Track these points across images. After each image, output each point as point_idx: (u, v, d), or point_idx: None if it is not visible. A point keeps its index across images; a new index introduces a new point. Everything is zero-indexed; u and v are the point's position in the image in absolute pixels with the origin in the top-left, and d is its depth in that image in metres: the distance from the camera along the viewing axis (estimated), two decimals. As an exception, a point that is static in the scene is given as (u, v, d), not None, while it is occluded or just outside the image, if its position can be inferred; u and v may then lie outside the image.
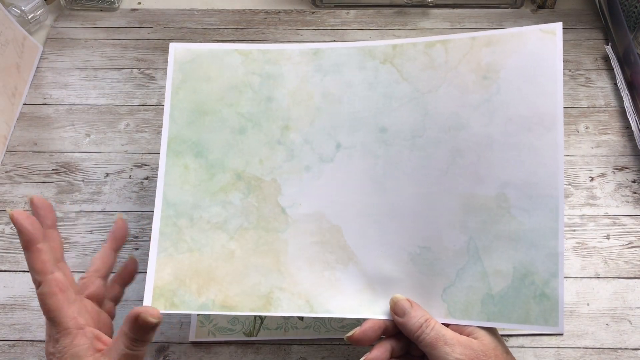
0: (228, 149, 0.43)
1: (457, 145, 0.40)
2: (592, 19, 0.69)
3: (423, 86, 0.42)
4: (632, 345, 0.47)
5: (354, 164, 0.41)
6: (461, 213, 0.40)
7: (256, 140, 0.43)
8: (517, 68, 0.40)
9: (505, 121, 0.40)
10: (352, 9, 0.71)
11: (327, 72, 0.43)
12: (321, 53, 0.44)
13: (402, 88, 0.42)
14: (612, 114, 0.60)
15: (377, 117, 0.42)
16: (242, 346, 0.48)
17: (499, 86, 0.40)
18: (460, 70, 0.41)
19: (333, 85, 0.43)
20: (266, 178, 0.42)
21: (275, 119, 0.43)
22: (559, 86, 0.39)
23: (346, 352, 0.47)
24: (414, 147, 0.41)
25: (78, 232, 0.54)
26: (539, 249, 0.38)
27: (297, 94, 0.43)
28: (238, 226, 0.41)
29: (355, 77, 0.43)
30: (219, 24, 0.70)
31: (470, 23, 0.69)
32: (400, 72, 0.42)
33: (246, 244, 0.41)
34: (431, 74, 0.42)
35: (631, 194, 0.55)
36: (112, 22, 0.70)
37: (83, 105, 0.63)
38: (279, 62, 0.44)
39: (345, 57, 0.43)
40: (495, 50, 0.41)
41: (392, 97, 0.42)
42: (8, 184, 0.57)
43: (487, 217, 0.39)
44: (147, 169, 0.58)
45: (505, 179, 0.39)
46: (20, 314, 0.49)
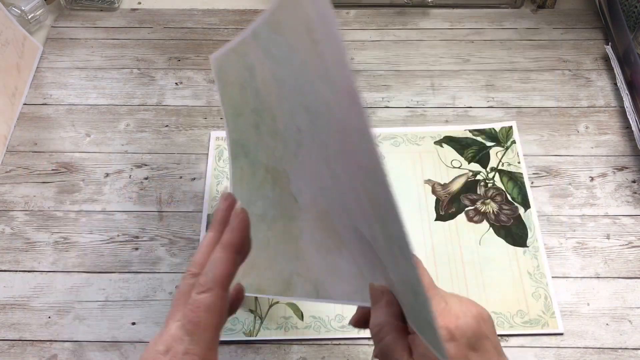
0: (257, 145, 0.43)
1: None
2: (592, 19, 0.69)
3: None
4: (632, 345, 0.47)
5: (312, 147, 0.37)
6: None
7: (265, 133, 0.43)
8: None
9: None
10: (353, 8, 0.71)
11: (267, 53, 0.37)
12: (257, 35, 0.37)
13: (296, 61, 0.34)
14: (612, 114, 0.60)
15: (300, 97, 0.35)
16: (242, 346, 0.48)
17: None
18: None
19: (275, 66, 0.37)
20: (279, 168, 0.42)
21: (266, 110, 0.42)
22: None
23: (346, 352, 0.47)
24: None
25: (78, 232, 0.54)
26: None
27: (264, 82, 0.40)
28: (272, 216, 0.43)
29: (278, 53, 0.36)
30: (219, 23, 0.70)
31: (470, 23, 0.69)
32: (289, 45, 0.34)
33: (277, 232, 0.42)
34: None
35: (631, 193, 0.55)
36: (112, 22, 0.70)
37: (83, 105, 0.63)
38: (248, 53, 0.42)
39: (266, 33, 0.36)
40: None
41: (304, 72, 0.33)
42: (8, 184, 0.57)
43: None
44: (147, 169, 0.58)
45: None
46: (20, 314, 0.49)
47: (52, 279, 0.51)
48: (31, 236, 0.54)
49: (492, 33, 0.68)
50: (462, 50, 0.66)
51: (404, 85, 0.63)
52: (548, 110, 0.61)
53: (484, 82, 0.63)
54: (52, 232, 0.54)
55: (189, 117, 0.61)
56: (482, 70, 0.64)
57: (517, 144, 0.58)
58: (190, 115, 0.61)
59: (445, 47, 0.67)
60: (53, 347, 0.48)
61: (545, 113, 0.61)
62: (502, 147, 0.58)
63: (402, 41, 0.67)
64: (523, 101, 0.62)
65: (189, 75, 0.65)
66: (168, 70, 0.65)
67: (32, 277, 0.51)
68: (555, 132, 0.59)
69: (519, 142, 0.58)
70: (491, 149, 0.58)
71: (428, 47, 0.67)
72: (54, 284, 0.51)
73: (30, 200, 0.56)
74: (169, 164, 0.58)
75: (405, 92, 0.63)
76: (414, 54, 0.66)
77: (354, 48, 0.67)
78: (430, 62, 0.65)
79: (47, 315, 0.49)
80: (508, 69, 0.64)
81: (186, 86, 0.64)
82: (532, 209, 0.54)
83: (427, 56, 0.66)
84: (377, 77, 0.64)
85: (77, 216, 0.55)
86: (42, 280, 0.51)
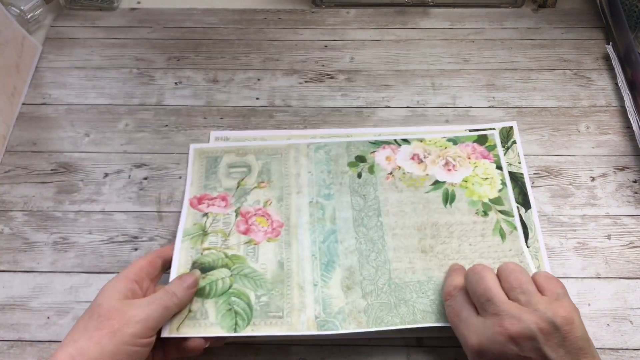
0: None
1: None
2: (592, 19, 0.68)
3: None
4: (633, 345, 0.47)
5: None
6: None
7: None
8: None
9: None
10: (352, 8, 0.71)
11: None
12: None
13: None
14: (613, 114, 0.60)
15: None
16: (242, 346, 0.47)
17: None
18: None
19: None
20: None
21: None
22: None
23: (346, 352, 0.47)
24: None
25: (77, 232, 0.54)
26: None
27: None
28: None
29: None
30: (218, 23, 0.69)
31: (471, 22, 0.69)
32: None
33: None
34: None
35: (632, 194, 0.55)
36: (112, 21, 0.70)
37: (82, 105, 0.62)
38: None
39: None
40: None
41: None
42: (7, 184, 0.57)
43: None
44: (147, 169, 0.58)
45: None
46: (20, 314, 0.49)
47: (51, 279, 0.51)
48: (30, 236, 0.53)
49: (493, 32, 0.68)
50: (462, 50, 0.66)
51: (404, 85, 0.63)
52: (549, 110, 0.61)
53: (485, 81, 0.63)
54: (51, 233, 0.54)
55: (188, 117, 0.61)
56: (482, 70, 0.64)
57: (518, 144, 0.57)
58: (189, 115, 0.61)
59: (446, 47, 0.66)
60: (52, 347, 0.48)
61: (546, 113, 0.60)
62: (503, 147, 0.58)
63: (402, 41, 0.67)
64: (524, 101, 0.61)
65: (189, 74, 0.65)
66: (167, 70, 0.65)
67: (31, 277, 0.51)
68: (556, 132, 0.59)
69: (519, 142, 0.58)
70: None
71: (428, 47, 0.67)
72: (53, 284, 0.51)
73: (29, 201, 0.55)
74: (169, 164, 0.58)
75: (405, 91, 0.63)
76: (414, 54, 0.66)
77: (354, 48, 0.67)
78: (430, 61, 0.65)
79: (47, 315, 0.49)
80: (509, 69, 0.64)
81: (185, 86, 0.64)
82: (532, 209, 0.53)
83: (428, 56, 0.66)
84: (377, 76, 0.64)
85: (76, 216, 0.55)
86: (42, 281, 0.51)
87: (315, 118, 0.61)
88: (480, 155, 0.56)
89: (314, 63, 0.66)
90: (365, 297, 0.48)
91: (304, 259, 0.50)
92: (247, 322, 0.46)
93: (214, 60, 0.66)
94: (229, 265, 0.49)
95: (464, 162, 0.56)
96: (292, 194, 0.54)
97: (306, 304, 0.47)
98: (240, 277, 0.49)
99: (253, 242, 0.51)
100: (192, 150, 0.57)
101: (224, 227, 0.52)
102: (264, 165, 0.56)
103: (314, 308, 0.47)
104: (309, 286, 0.48)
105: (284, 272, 0.49)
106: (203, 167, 0.56)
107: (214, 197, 0.54)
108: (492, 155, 0.56)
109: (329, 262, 0.50)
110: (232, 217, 0.53)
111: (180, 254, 0.50)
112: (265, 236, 0.51)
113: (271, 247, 0.51)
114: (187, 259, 0.49)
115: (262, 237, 0.51)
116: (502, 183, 0.54)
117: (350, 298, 0.48)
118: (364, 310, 0.47)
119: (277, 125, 0.60)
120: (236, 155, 0.57)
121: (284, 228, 0.52)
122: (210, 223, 0.52)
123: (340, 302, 0.47)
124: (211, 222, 0.52)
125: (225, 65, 0.65)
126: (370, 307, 0.47)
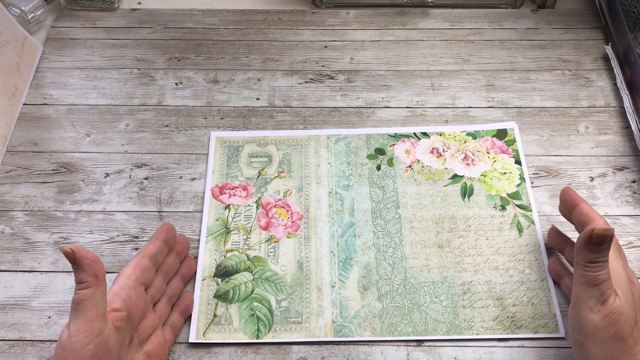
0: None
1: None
2: (592, 19, 0.69)
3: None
4: (632, 345, 0.47)
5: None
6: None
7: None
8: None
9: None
10: (352, 8, 0.71)
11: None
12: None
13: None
14: (612, 114, 0.60)
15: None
16: (242, 346, 0.48)
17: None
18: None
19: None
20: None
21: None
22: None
23: (346, 352, 0.47)
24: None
25: (78, 232, 0.54)
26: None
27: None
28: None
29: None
30: (219, 24, 0.70)
31: (470, 23, 0.69)
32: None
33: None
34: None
35: (631, 194, 0.55)
36: (112, 22, 0.70)
37: (83, 106, 0.63)
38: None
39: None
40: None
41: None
42: (8, 184, 0.57)
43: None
44: (147, 169, 0.58)
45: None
46: (20, 314, 0.49)
47: (52, 279, 0.51)
48: (31, 236, 0.54)
49: (492, 33, 0.68)
50: (462, 50, 0.66)
51: (404, 85, 0.63)
52: (548, 110, 0.61)
53: (484, 82, 0.63)
54: (52, 232, 0.54)
55: (188, 117, 0.61)
56: (482, 70, 0.64)
57: (518, 143, 0.58)
58: (190, 115, 0.61)
59: (445, 47, 0.67)
60: (53, 347, 0.48)
61: (545, 113, 0.61)
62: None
63: (402, 41, 0.67)
64: (523, 101, 0.62)
65: (189, 75, 0.65)
66: (168, 70, 0.65)
67: (32, 277, 0.51)
68: (555, 132, 0.59)
69: (519, 142, 0.58)
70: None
71: (428, 47, 0.67)
72: (54, 284, 0.51)
73: (30, 201, 0.56)
74: (169, 164, 0.58)
75: (405, 92, 0.63)
76: (414, 54, 0.66)
77: (354, 48, 0.67)
78: (430, 62, 0.65)
79: (47, 315, 0.49)
80: (508, 69, 0.64)
81: (186, 86, 0.64)
82: (532, 209, 0.54)
83: (427, 56, 0.66)
84: (377, 77, 0.64)
85: (77, 216, 0.55)
86: (42, 280, 0.51)
87: (315, 118, 0.61)
88: (500, 149, 0.57)
89: (314, 63, 0.66)
90: (381, 299, 0.49)
91: (322, 257, 0.51)
92: (268, 328, 0.48)
93: (215, 61, 0.66)
94: (251, 268, 0.51)
95: (483, 157, 0.56)
96: (312, 184, 0.55)
97: (324, 307, 0.48)
98: (262, 281, 0.50)
99: (274, 240, 0.52)
100: (214, 138, 0.58)
101: (246, 222, 0.53)
102: (284, 155, 0.57)
103: (331, 312, 0.48)
104: (327, 288, 0.49)
105: (303, 273, 0.50)
106: (225, 155, 0.57)
107: (235, 187, 0.55)
108: (512, 150, 0.57)
109: (347, 259, 0.51)
110: (253, 208, 0.54)
111: (205, 255, 0.51)
112: (285, 231, 0.53)
113: (291, 244, 0.52)
114: (211, 261, 0.51)
115: (282, 232, 0.53)
116: (520, 178, 0.55)
117: (366, 300, 0.49)
118: (378, 315, 0.48)
119: (277, 126, 0.60)
120: (257, 145, 0.58)
121: (303, 220, 0.53)
122: (232, 217, 0.53)
123: (356, 304, 0.49)
124: (233, 216, 0.53)
125: (226, 66, 0.66)
126: (384, 312, 0.48)
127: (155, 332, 0.45)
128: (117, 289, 0.42)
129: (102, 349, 0.38)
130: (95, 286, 0.38)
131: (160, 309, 0.46)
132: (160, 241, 0.47)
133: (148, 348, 0.44)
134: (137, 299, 0.43)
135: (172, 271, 0.49)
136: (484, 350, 0.47)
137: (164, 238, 0.47)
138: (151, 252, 0.46)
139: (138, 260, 0.45)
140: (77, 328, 0.37)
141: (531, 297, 0.49)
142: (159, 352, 0.44)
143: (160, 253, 0.47)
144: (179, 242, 0.50)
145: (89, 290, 0.38)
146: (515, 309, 0.48)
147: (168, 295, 0.48)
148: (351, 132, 0.59)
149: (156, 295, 0.46)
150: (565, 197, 0.45)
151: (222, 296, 0.49)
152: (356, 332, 0.47)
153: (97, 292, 0.38)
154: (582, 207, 0.43)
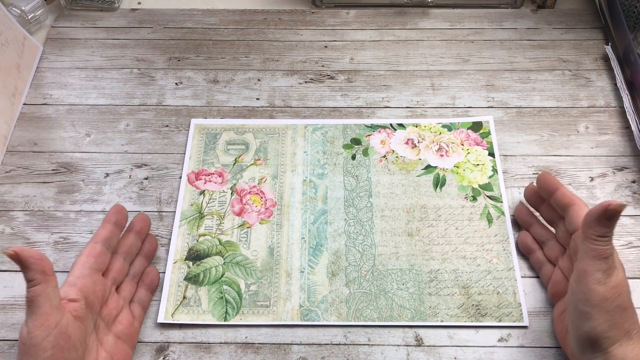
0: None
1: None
2: (592, 19, 0.69)
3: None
4: (632, 345, 0.47)
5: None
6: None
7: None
8: None
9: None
10: (352, 8, 0.71)
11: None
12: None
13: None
14: (612, 114, 0.60)
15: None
16: (242, 346, 0.48)
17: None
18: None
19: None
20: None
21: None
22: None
23: (346, 352, 0.47)
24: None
25: (78, 232, 0.54)
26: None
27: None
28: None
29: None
30: (219, 24, 0.70)
31: (470, 23, 0.69)
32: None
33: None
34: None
35: (631, 194, 0.55)
36: (112, 22, 0.70)
37: (83, 105, 0.63)
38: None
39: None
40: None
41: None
42: (8, 184, 0.57)
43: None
44: (147, 169, 0.58)
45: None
46: (20, 314, 0.49)
47: (52, 279, 0.51)
48: (31, 236, 0.54)
49: (492, 33, 0.68)
50: (462, 50, 0.66)
51: (404, 85, 0.63)
52: (548, 110, 0.61)
53: (484, 82, 0.63)
54: (52, 232, 0.54)
55: (189, 117, 0.61)
56: (482, 70, 0.64)
57: (492, 136, 0.58)
58: (190, 115, 0.61)
59: (445, 47, 0.67)
60: (53, 347, 0.48)
61: (545, 113, 0.61)
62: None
63: (402, 41, 0.67)
64: (523, 101, 0.62)
65: (189, 75, 0.65)
66: (168, 70, 0.65)
67: (32, 277, 0.51)
68: (555, 132, 0.59)
69: (494, 135, 0.58)
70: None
71: (428, 47, 0.67)
72: (54, 284, 0.51)
73: (30, 201, 0.56)
74: (169, 164, 0.58)
75: (405, 92, 0.63)
76: (414, 54, 0.66)
77: (354, 48, 0.67)
78: (430, 62, 0.65)
79: (47, 315, 0.49)
80: (508, 69, 0.64)
81: (186, 86, 0.64)
82: (503, 200, 0.54)
83: (427, 56, 0.66)
84: (377, 77, 0.64)
85: (77, 216, 0.55)
86: (42, 280, 0.51)
87: (315, 118, 0.61)
88: (474, 141, 0.57)
89: (314, 63, 0.66)
90: (349, 285, 0.50)
91: (293, 243, 0.52)
92: (236, 310, 0.49)
93: (215, 61, 0.66)
94: (223, 252, 0.51)
95: (457, 148, 0.57)
96: (287, 172, 0.56)
97: (292, 292, 0.49)
98: (232, 265, 0.51)
99: (246, 225, 0.53)
100: (193, 125, 0.59)
101: (220, 208, 0.54)
102: (261, 143, 0.58)
103: (299, 296, 0.49)
104: (296, 273, 0.50)
105: (274, 259, 0.51)
106: (202, 142, 0.58)
107: (211, 173, 0.56)
108: (486, 142, 0.57)
109: (317, 245, 0.52)
110: (227, 194, 0.55)
111: (177, 239, 0.52)
112: (258, 217, 0.53)
113: (263, 230, 0.52)
114: (183, 245, 0.52)
115: (255, 218, 0.53)
116: (493, 169, 0.55)
117: (334, 286, 0.50)
118: (345, 300, 0.49)
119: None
120: (235, 132, 0.59)
121: (277, 207, 0.54)
122: (206, 202, 0.54)
123: (324, 290, 0.49)
124: (207, 202, 0.54)
125: (226, 66, 0.66)
126: (351, 297, 0.49)
127: (122, 312, 0.46)
128: (72, 279, 0.43)
129: (62, 339, 0.39)
130: (44, 282, 0.38)
131: (124, 288, 0.47)
132: (111, 224, 0.47)
133: (117, 329, 0.45)
134: (94, 285, 0.43)
135: (133, 251, 0.49)
136: (484, 351, 0.47)
137: (114, 220, 0.47)
138: (103, 237, 0.46)
139: (90, 247, 0.45)
140: (34, 323, 0.38)
141: (497, 287, 0.49)
142: (129, 330, 0.46)
143: (112, 236, 0.47)
144: (138, 221, 0.50)
145: (40, 287, 0.38)
146: (480, 298, 0.49)
147: (132, 275, 0.49)
148: (328, 122, 0.60)
149: (118, 277, 0.47)
150: (545, 182, 0.48)
151: (192, 279, 0.50)
152: (322, 316, 0.48)
153: (47, 287, 0.39)
154: (562, 190, 0.46)
